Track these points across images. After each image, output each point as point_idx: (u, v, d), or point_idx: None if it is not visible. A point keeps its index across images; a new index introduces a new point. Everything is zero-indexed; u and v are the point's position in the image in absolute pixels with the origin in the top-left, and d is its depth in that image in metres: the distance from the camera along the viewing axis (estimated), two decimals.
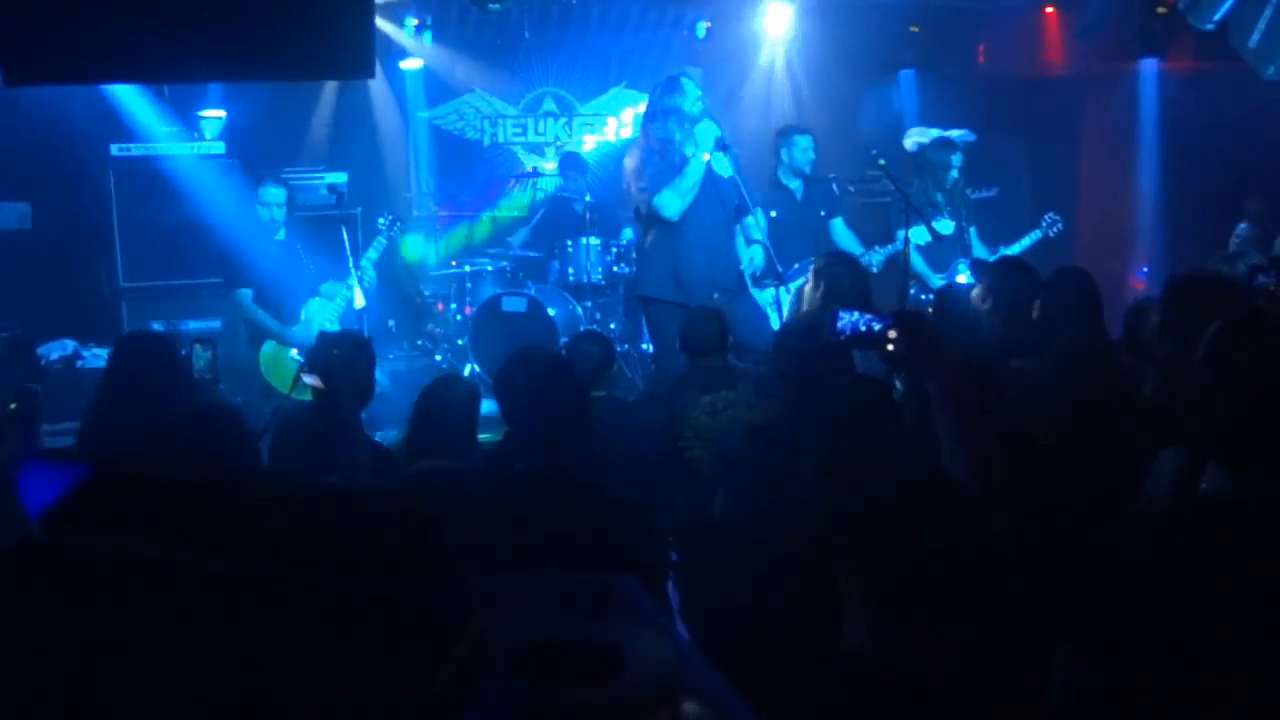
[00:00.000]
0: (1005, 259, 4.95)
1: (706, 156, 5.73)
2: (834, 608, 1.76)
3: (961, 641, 1.65)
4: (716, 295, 5.72)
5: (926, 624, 1.65)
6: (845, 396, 3.04)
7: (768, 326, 6.04)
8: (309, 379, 3.89)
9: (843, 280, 4.78)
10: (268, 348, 6.30)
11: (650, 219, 5.87)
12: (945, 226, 6.61)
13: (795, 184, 7.01)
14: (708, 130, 5.74)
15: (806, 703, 1.71)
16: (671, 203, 5.73)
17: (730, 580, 2.92)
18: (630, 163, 5.93)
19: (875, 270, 6.45)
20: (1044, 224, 6.94)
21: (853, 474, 2.69)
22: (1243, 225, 7.15)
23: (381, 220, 6.80)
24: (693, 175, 5.71)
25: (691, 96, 5.85)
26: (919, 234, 6.42)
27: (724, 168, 5.88)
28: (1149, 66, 8.64)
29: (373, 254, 6.76)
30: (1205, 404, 2.00)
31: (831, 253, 6.27)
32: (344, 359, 3.77)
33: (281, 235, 6.48)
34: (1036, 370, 3.58)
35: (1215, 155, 7.98)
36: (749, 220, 6.14)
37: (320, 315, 6.49)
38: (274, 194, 6.47)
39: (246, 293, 6.44)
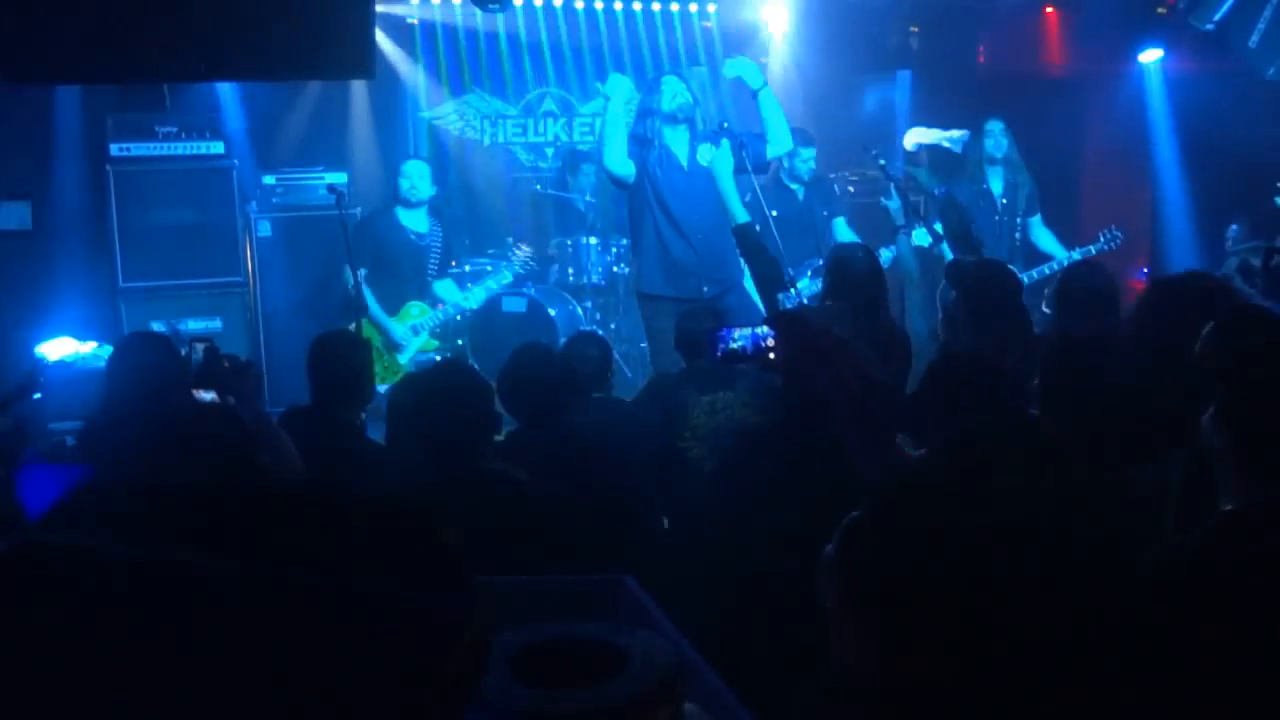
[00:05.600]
0: (979, 264, 4.93)
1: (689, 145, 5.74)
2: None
3: (956, 662, 1.59)
4: (705, 289, 5.72)
5: (921, 647, 1.60)
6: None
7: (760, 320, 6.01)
8: (203, 395, 3.78)
9: (857, 269, 4.76)
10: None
11: (632, 212, 5.90)
12: (921, 238, 6.61)
13: (797, 186, 7.05)
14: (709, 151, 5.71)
15: None
16: (612, 158, 5.75)
17: (725, 579, 2.92)
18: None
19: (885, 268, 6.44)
20: (1103, 238, 6.80)
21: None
22: (1233, 227, 7.18)
23: (517, 253, 7.04)
24: (611, 124, 5.73)
25: (669, 94, 5.84)
26: (920, 236, 6.43)
27: (705, 158, 5.86)
28: (1150, 66, 8.63)
29: (493, 285, 6.97)
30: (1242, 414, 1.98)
31: (840, 244, 6.29)
32: (235, 369, 3.73)
33: (424, 225, 6.54)
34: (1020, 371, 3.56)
35: (1215, 155, 7.98)
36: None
37: (421, 319, 6.55)
38: (417, 167, 6.70)
39: (361, 271, 6.57)
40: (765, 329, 2.29)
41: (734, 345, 2.31)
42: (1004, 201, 6.97)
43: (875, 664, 1.61)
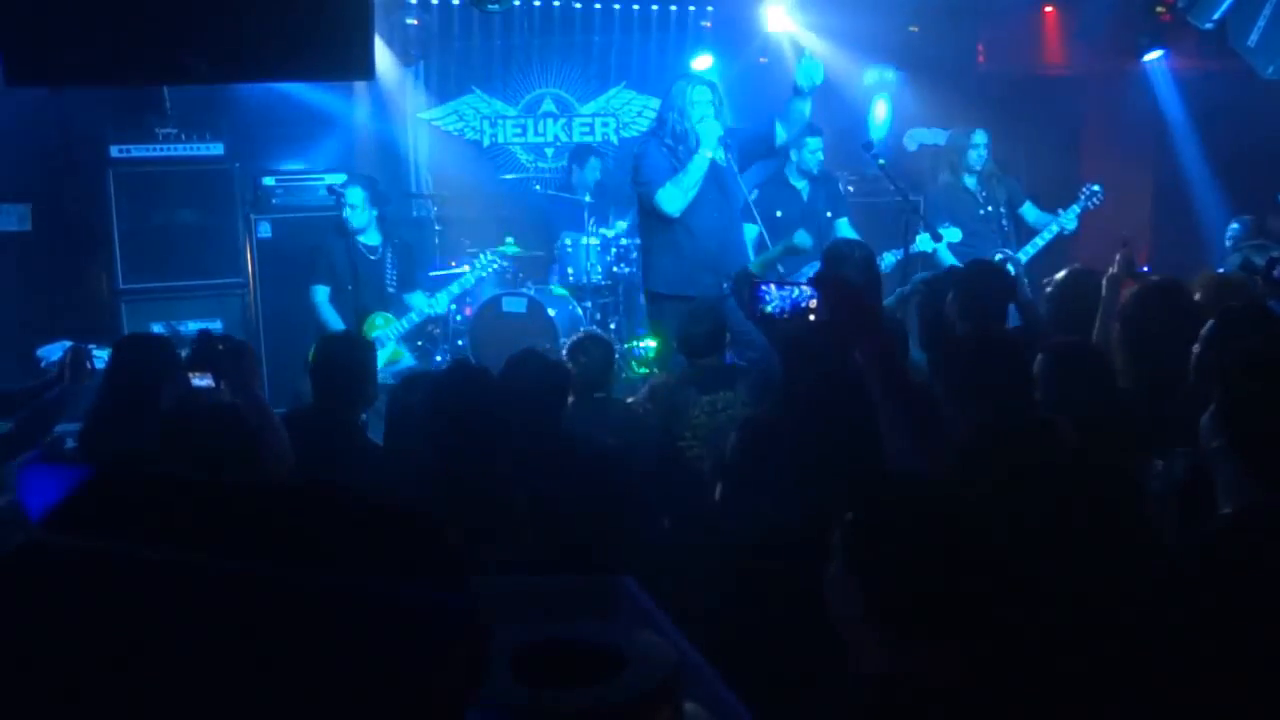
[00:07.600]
0: (970, 264, 5.00)
1: (709, 154, 5.76)
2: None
3: (969, 654, 1.58)
4: (726, 286, 5.74)
5: (950, 637, 1.59)
6: (819, 385, 3.03)
7: None
8: (197, 380, 3.77)
9: (851, 265, 4.77)
10: None
11: (654, 214, 5.91)
12: (952, 235, 6.61)
13: (802, 184, 7.02)
14: (712, 129, 5.76)
15: None
16: (674, 198, 5.78)
17: (726, 574, 2.92)
18: (639, 156, 5.98)
19: (887, 272, 6.46)
20: (1083, 196, 6.94)
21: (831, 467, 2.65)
22: (1234, 225, 7.19)
23: (483, 258, 6.99)
24: (695, 172, 5.76)
25: (707, 95, 5.88)
26: (924, 242, 6.44)
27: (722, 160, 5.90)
28: (1154, 65, 8.62)
29: (455, 289, 6.96)
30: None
31: (837, 240, 6.29)
32: (230, 351, 3.71)
33: (376, 240, 6.53)
34: None
35: (1215, 154, 7.99)
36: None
37: (386, 329, 6.55)
38: (354, 194, 6.60)
39: (323, 290, 6.52)
40: (808, 290, 2.28)
41: (774, 304, 2.28)
42: (983, 194, 7.14)
43: (906, 667, 1.59)
